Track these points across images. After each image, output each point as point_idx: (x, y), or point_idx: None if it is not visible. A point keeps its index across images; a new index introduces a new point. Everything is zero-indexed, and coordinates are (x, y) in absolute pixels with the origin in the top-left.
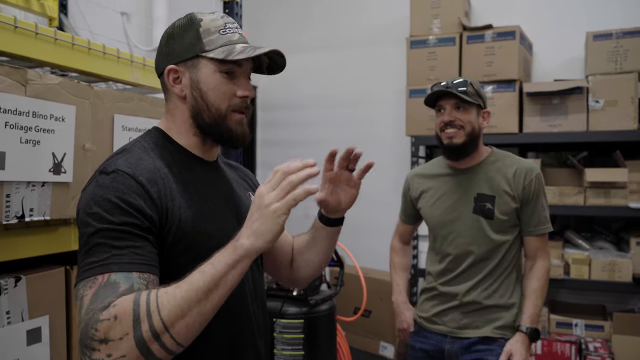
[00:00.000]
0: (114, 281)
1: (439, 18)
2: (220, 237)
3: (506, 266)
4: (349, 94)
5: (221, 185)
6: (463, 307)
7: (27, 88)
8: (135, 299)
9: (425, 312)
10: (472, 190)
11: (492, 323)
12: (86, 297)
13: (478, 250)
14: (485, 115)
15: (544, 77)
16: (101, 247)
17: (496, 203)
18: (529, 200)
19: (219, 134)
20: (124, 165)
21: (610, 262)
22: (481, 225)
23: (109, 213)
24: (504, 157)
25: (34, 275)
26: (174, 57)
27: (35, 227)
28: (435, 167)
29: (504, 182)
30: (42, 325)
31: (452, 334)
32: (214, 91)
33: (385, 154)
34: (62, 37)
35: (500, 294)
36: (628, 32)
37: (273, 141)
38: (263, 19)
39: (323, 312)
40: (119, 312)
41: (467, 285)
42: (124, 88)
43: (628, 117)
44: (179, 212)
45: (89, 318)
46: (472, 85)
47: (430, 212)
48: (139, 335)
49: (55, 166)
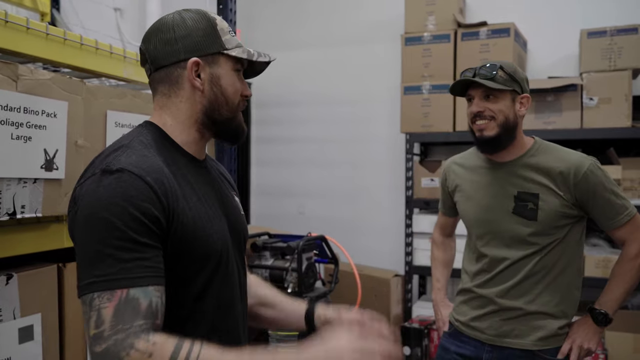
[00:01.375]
0: (134, 297)
1: (434, 15)
2: (217, 241)
3: (550, 269)
4: (344, 90)
5: (213, 185)
6: (502, 313)
7: (18, 83)
8: (176, 348)
9: (462, 316)
10: (512, 188)
11: (535, 332)
12: (105, 310)
13: (517, 253)
14: (524, 100)
15: (538, 75)
16: (109, 259)
17: (540, 203)
18: (589, 197)
19: (230, 129)
20: (129, 164)
21: (604, 258)
22: (522, 227)
23: (120, 220)
24: (550, 150)
25: (26, 273)
26: (194, 50)
27: (26, 224)
28: (474, 157)
29: (549, 179)
30: (34, 323)
31: (491, 341)
32: (232, 87)
33: (380, 151)
34: (53, 32)
35: (544, 300)
36: (622, 29)
37: (267, 138)
38: (257, 15)
39: None
40: (155, 352)
41: (504, 288)
42: (117, 84)
43: (622, 114)
44: (182, 214)
45: (122, 339)
46: (502, 69)
47: (465, 208)
48: None
49: (47, 162)
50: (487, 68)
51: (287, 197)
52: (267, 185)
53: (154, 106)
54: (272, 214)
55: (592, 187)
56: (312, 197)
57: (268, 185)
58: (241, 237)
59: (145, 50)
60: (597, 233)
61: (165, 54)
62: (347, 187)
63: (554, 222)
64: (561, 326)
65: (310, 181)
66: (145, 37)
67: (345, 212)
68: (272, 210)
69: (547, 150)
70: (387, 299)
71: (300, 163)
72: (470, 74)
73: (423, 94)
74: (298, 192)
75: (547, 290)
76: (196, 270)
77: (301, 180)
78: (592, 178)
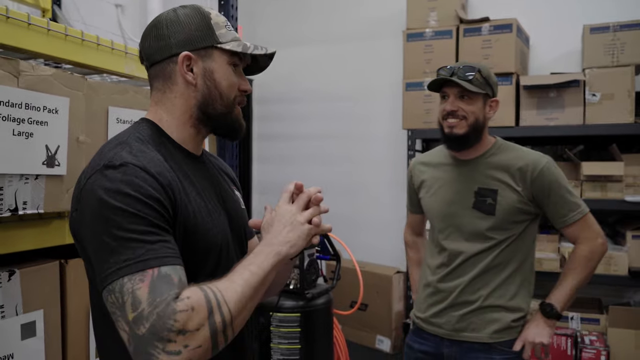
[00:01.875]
0: (165, 273)
1: (436, 11)
2: (217, 234)
3: (506, 265)
4: (346, 87)
5: (211, 180)
6: (458, 307)
7: (20, 79)
8: (204, 290)
9: (422, 312)
10: (472, 184)
11: (490, 325)
12: (140, 290)
13: (475, 246)
14: (494, 104)
15: (540, 71)
16: (134, 243)
17: (498, 198)
18: (544, 194)
19: (225, 124)
20: (131, 158)
21: (606, 255)
22: (480, 221)
23: (132, 207)
24: (510, 149)
25: (28, 269)
26: (186, 45)
27: (28, 221)
28: (439, 155)
29: (507, 176)
30: (36, 319)
31: (449, 336)
32: (226, 82)
33: (381, 147)
34: (54, 28)
35: (499, 294)
36: (625, 25)
37: (269, 135)
38: (259, 11)
39: (320, 306)
40: (195, 304)
41: (461, 282)
42: (118, 80)
43: (625, 110)
44: (184, 207)
45: (163, 309)
46: (480, 72)
47: (429, 203)
48: (213, 326)
49: (48, 159)
50: (465, 69)
51: None
52: (268, 181)
53: (150, 102)
54: None
55: (547, 184)
56: None
57: (270, 182)
58: (242, 232)
59: (141, 47)
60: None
61: (158, 50)
62: (348, 184)
63: (510, 217)
64: (515, 319)
65: (312, 178)
66: (143, 34)
67: (347, 209)
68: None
69: (507, 149)
70: (389, 295)
71: (302, 159)
72: (447, 73)
73: (425, 90)
74: None
75: (503, 285)
76: (197, 264)
77: (303, 177)
78: (548, 175)
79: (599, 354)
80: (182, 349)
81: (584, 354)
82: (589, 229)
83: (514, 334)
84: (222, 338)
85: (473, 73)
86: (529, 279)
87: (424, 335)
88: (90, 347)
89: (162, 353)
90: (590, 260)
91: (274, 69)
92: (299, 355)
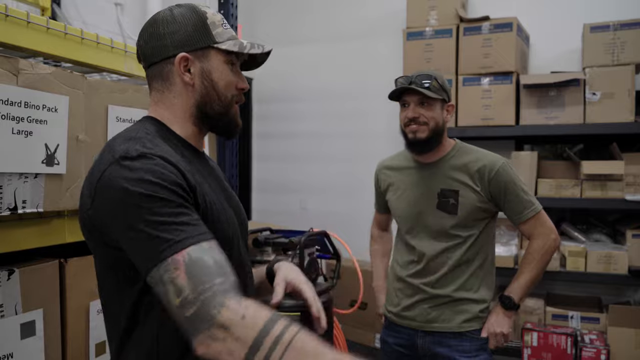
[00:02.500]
0: (196, 257)
1: (436, 9)
2: (229, 228)
3: (472, 261)
4: (346, 86)
5: (215, 176)
6: (431, 300)
7: (19, 78)
8: (271, 320)
9: (394, 307)
10: (435, 185)
11: (460, 315)
12: (179, 278)
13: (441, 245)
14: (450, 108)
15: (540, 69)
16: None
17: (460, 198)
18: (501, 193)
19: (222, 124)
20: (147, 150)
21: (606, 254)
22: (444, 221)
23: (159, 193)
24: (468, 151)
25: (28, 268)
26: (183, 45)
27: (28, 219)
28: (402, 159)
29: (467, 177)
30: (36, 318)
31: (421, 327)
32: (224, 81)
33: (380, 146)
34: (54, 27)
35: (468, 287)
36: (625, 23)
37: (268, 134)
38: (259, 10)
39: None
40: (249, 318)
41: (433, 278)
42: (118, 79)
43: (625, 109)
44: (202, 197)
45: (209, 296)
46: (436, 79)
47: (395, 205)
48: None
49: (48, 157)
50: (422, 77)
51: (288, 192)
52: (268, 180)
53: (150, 101)
54: (274, 209)
55: (503, 183)
56: (314, 193)
57: (269, 181)
58: (244, 228)
59: (139, 47)
60: (600, 229)
61: (155, 51)
62: (348, 183)
63: (472, 216)
64: (481, 309)
65: (312, 176)
66: (140, 33)
67: (347, 207)
68: (274, 205)
69: (466, 152)
70: None
71: (302, 158)
72: (406, 81)
73: None
74: (299, 188)
75: (470, 279)
76: None
77: (303, 176)
78: (504, 175)
79: (599, 353)
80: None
81: (584, 352)
82: (543, 225)
83: (481, 323)
84: None
85: (430, 81)
86: (491, 272)
87: (397, 329)
88: (90, 345)
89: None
90: (544, 254)
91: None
92: None
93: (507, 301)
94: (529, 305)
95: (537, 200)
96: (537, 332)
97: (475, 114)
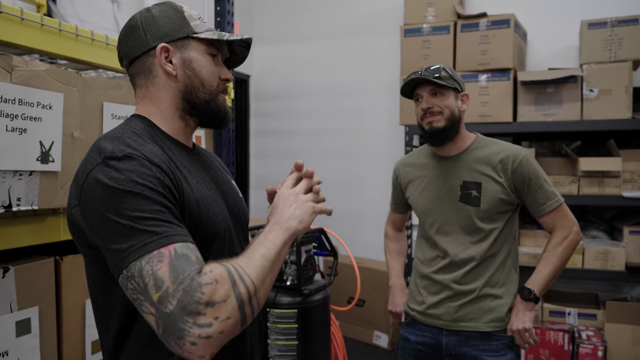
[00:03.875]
0: (182, 252)
1: (434, 6)
2: (220, 222)
3: (496, 255)
4: (343, 82)
5: (208, 170)
6: (457, 298)
7: (13, 75)
8: (224, 265)
9: (418, 305)
10: (457, 179)
11: (487, 315)
12: (160, 270)
13: (465, 238)
14: (464, 98)
15: (538, 66)
16: (150, 222)
17: (482, 190)
18: (525, 184)
19: (211, 112)
20: (132, 150)
21: (603, 250)
22: (468, 214)
23: (142, 191)
24: (489, 144)
25: (23, 266)
26: (162, 37)
27: (23, 217)
28: (421, 156)
29: (490, 169)
30: (31, 316)
31: (447, 327)
32: (206, 70)
33: (379, 143)
34: (48, 23)
35: (493, 283)
36: (623, 20)
37: (266, 131)
38: (257, 7)
39: (317, 302)
40: (218, 276)
41: (459, 274)
42: (114, 76)
43: (622, 106)
44: (188, 194)
45: (188, 284)
46: (445, 70)
47: (417, 200)
48: (239, 296)
49: (42, 155)
50: (431, 70)
51: None
52: (266, 177)
53: (136, 100)
54: None
55: (526, 174)
56: None
57: (267, 178)
58: (242, 219)
59: (119, 48)
60: (597, 225)
61: (135, 46)
62: (346, 179)
63: (495, 208)
64: (507, 310)
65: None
66: (119, 37)
67: (344, 205)
68: None
69: (488, 144)
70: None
71: (300, 155)
72: (416, 75)
73: None
74: None
75: (496, 273)
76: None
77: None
78: (527, 166)
79: (596, 350)
80: (213, 321)
81: (581, 349)
82: (565, 218)
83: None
84: (249, 309)
85: (439, 72)
86: (515, 266)
87: (421, 327)
88: (85, 343)
89: (194, 326)
90: (566, 247)
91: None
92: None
93: (527, 292)
94: None
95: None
96: (535, 328)
97: (472, 111)
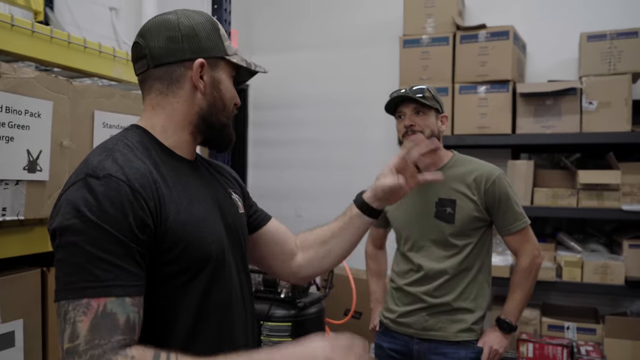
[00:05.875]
0: (111, 311)
1: (433, 17)
2: (211, 244)
3: (469, 270)
4: (342, 92)
5: (207, 186)
6: (430, 309)
7: (0, 82)
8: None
9: (391, 313)
10: (433, 195)
11: (456, 325)
12: (81, 323)
13: (440, 253)
14: (444, 119)
15: (537, 78)
16: (101, 264)
17: (457, 208)
18: (495, 203)
19: (223, 135)
20: (115, 169)
21: (602, 264)
22: (442, 230)
23: (108, 224)
24: (465, 162)
25: (8, 277)
26: (200, 51)
27: (8, 227)
28: None
29: (464, 186)
30: (15, 329)
31: (417, 335)
32: (229, 94)
33: (377, 154)
34: (39, 30)
35: (466, 296)
36: (622, 33)
37: (264, 141)
38: (255, 16)
39: (311, 315)
40: None
41: (432, 287)
42: (109, 84)
43: (621, 118)
44: (173, 217)
45: (97, 354)
46: (429, 90)
47: (394, 215)
48: None
49: (30, 164)
50: (416, 89)
51: (284, 199)
52: (264, 187)
53: (144, 106)
54: None
55: (498, 193)
56: (309, 200)
57: (265, 188)
58: (240, 237)
59: (145, 45)
60: (596, 239)
61: (170, 52)
62: (344, 190)
63: (469, 225)
64: (475, 321)
65: (308, 184)
66: (144, 31)
67: None
68: (269, 212)
69: (464, 162)
70: None
71: (298, 165)
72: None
73: None
74: (295, 195)
75: (468, 287)
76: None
77: (298, 183)
78: (499, 186)
79: None
80: None
81: None
82: (529, 242)
83: (474, 335)
84: None
85: (423, 92)
86: (488, 280)
87: (393, 335)
88: None
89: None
90: (531, 272)
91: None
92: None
93: (506, 326)
94: (525, 315)
95: (526, 216)
96: (533, 342)
97: (471, 123)
